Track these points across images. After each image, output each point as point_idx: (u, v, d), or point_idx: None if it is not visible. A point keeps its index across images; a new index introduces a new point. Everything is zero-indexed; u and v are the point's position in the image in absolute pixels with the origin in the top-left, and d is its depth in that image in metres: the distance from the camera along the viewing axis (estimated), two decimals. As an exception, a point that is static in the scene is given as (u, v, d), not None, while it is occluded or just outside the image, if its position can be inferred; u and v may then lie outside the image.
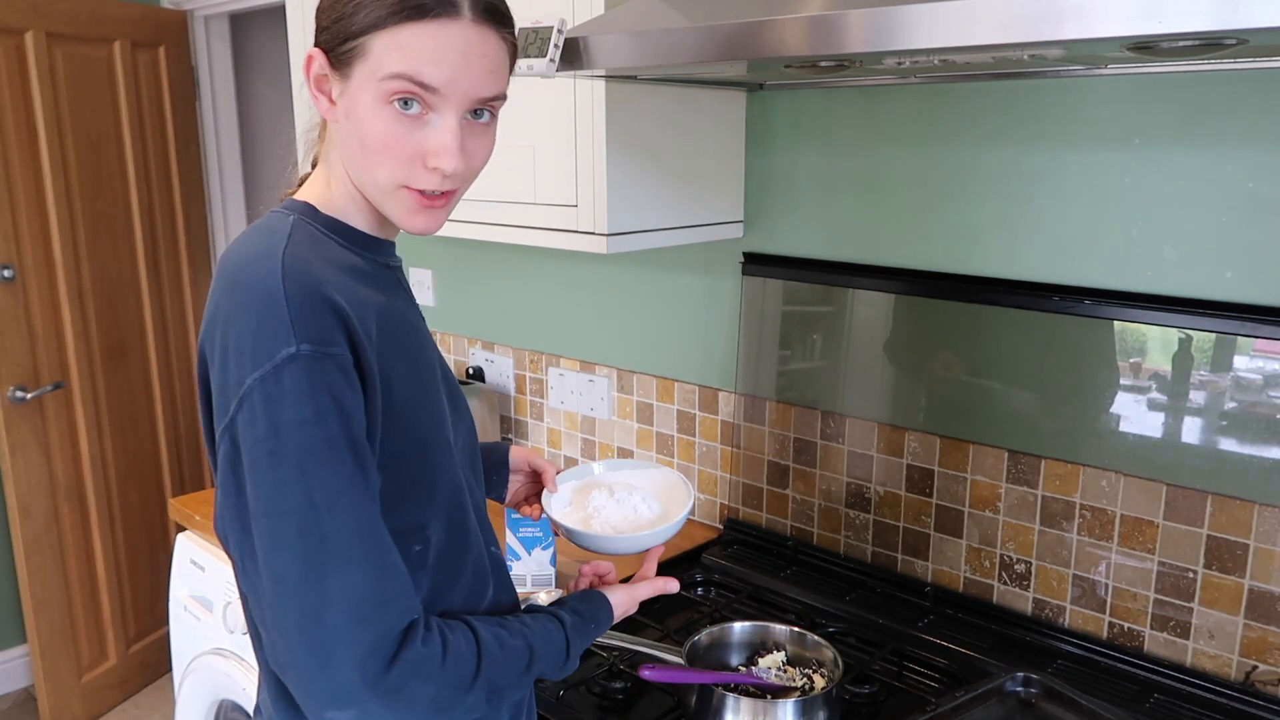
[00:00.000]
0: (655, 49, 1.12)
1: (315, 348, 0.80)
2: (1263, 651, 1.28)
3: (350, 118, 0.87)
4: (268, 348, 0.79)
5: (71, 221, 2.68)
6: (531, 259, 2.14)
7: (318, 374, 0.80)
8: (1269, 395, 1.23)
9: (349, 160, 0.91)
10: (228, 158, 3.18)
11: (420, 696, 0.83)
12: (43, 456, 2.67)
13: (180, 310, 3.06)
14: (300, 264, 0.84)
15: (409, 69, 0.84)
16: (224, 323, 0.83)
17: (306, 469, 0.79)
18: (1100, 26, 0.79)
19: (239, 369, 0.80)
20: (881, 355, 1.59)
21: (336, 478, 0.80)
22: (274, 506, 0.79)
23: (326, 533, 0.79)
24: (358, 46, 0.85)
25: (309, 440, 0.79)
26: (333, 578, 0.79)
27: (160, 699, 2.99)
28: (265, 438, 0.79)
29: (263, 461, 0.79)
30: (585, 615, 1.02)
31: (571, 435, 2.13)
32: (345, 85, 0.87)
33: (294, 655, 0.80)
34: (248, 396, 0.79)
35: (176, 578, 2.01)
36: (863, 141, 1.57)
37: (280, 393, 0.79)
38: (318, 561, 0.79)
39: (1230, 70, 1.21)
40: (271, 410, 0.79)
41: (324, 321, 0.82)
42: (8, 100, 2.48)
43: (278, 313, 0.80)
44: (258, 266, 0.84)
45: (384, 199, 0.91)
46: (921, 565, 1.59)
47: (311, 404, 0.79)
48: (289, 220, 0.91)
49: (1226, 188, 1.25)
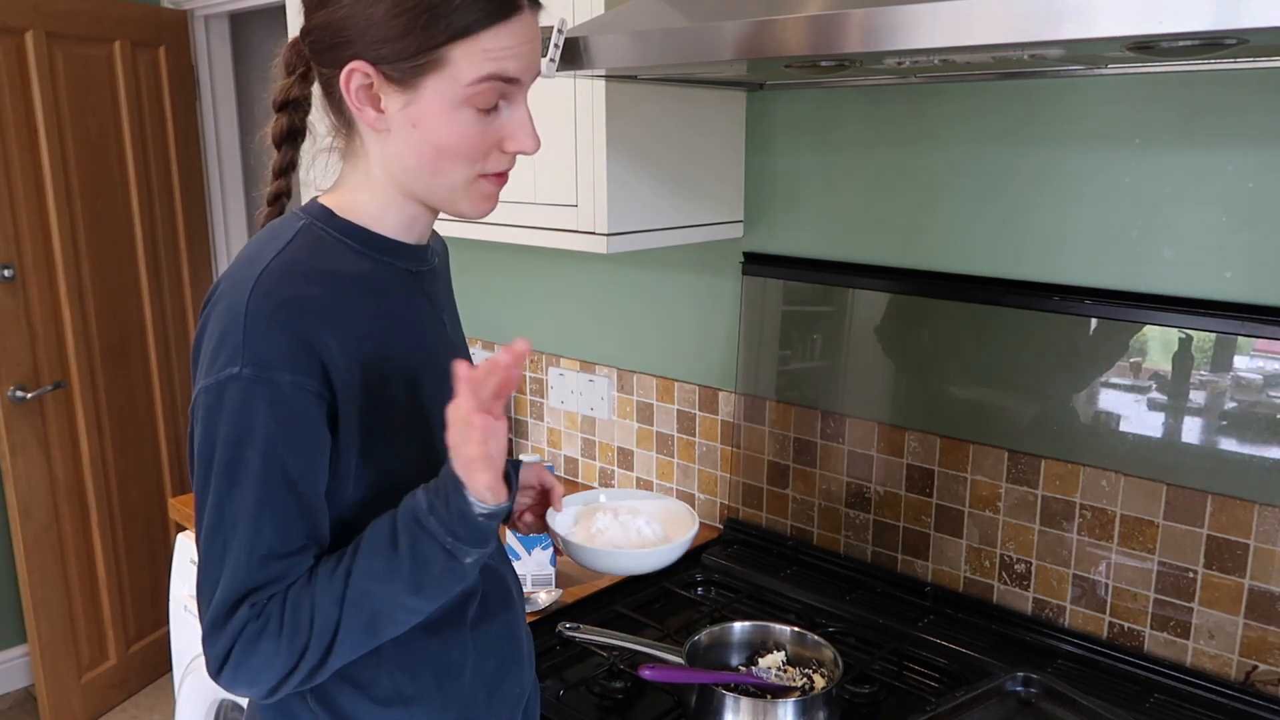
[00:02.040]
0: (655, 49, 1.12)
1: (256, 371, 0.82)
2: (1263, 651, 1.28)
3: (419, 126, 0.87)
4: (219, 361, 0.83)
5: (71, 221, 2.68)
6: (531, 259, 2.14)
7: (251, 398, 0.83)
8: (1269, 395, 1.23)
9: (408, 167, 0.90)
10: (228, 158, 3.18)
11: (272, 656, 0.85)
12: (43, 456, 2.67)
13: (180, 310, 3.06)
14: (282, 278, 0.85)
15: (496, 69, 0.86)
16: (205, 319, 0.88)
17: (219, 485, 0.84)
18: (1100, 26, 0.79)
19: (201, 370, 0.86)
20: (881, 355, 1.59)
21: (243, 502, 0.84)
22: (199, 504, 0.86)
23: (218, 545, 0.85)
24: (434, 59, 0.84)
25: (230, 460, 0.83)
26: (212, 586, 0.85)
27: (160, 699, 2.99)
28: (200, 444, 0.85)
29: (195, 463, 0.86)
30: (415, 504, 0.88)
31: (571, 435, 2.13)
32: (412, 95, 0.86)
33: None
34: (195, 403, 0.85)
35: (176, 578, 2.01)
36: (863, 141, 1.57)
37: (219, 407, 0.83)
38: (210, 566, 0.85)
39: (1230, 70, 1.21)
40: (208, 421, 0.84)
41: (274, 346, 0.83)
42: (8, 100, 2.48)
43: (235, 330, 0.83)
44: (243, 274, 0.87)
45: (456, 195, 0.92)
46: (921, 565, 1.59)
47: (240, 425, 0.83)
48: (297, 225, 0.91)
49: (1226, 188, 1.25)
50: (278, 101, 0.94)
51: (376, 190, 0.94)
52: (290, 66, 0.94)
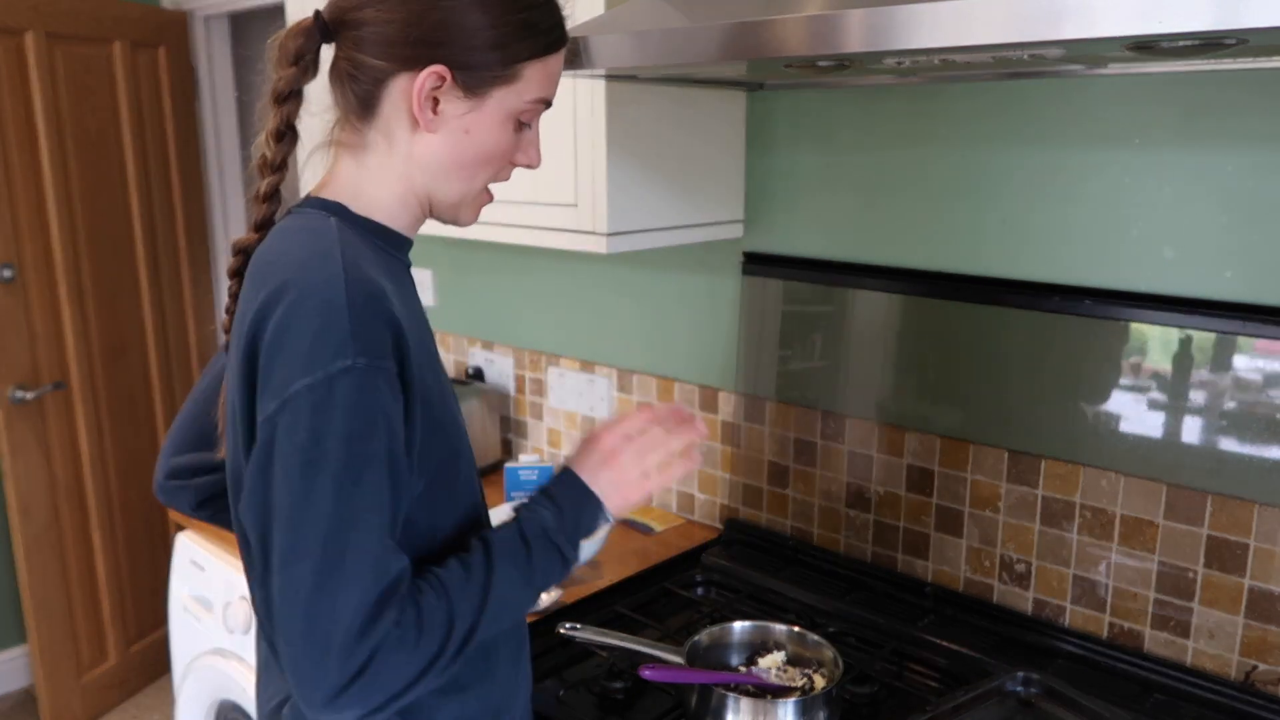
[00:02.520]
0: (655, 49, 1.12)
1: (370, 361, 0.80)
2: (1263, 651, 1.28)
3: (471, 132, 0.91)
4: (322, 356, 0.79)
5: (71, 221, 2.67)
6: (531, 259, 2.14)
7: (369, 389, 0.80)
8: (1269, 395, 1.23)
9: (441, 168, 0.92)
10: (228, 158, 3.18)
11: (406, 666, 0.82)
12: (43, 456, 2.67)
13: (180, 310, 3.06)
14: (360, 270, 0.84)
15: (547, 93, 0.94)
16: (276, 325, 0.82)
17: (342, 483, 0.79)
18: (1100, 26, 0.79)
19: (287, 370, 0.80)
20: (881, 355, 1.59)
21: (367, 496, 0.80)
22: (301, 516, 0.79)
23: (347, 549, 0.79)
24: (510, 73, 0.90)
25: (349, 455, 0.79)
26: (343, 593, 0.79)
27: (160, 699, 2.99)
28: (305, 446, 0.79)
29: (296, 470, 0.79)
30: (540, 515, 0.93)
31: (571, 435, 2.13)
32: (476, 104, 0.90)
33: (296, 662, 0.79)
34: (292, 401, 0.79)
35: (176, 578, 2.01)
36: (863, 141, 1.57)
37: (330, 404, 0.79)
38: (333, 576, 0.79)
39: (1230, 70, 1.21)
40: (316, 420, 0.79)
41: (380, 334, 0.82)
42: (8, 100, 2.48)
43: (339, 322, 0.80)
44: (318, 269, 0.83)
45: (466, 202, 0.96)
46: (921, 565, 1.59)
47: (361, 419, 0.80)
48: (329, 221, 0.90)
49: (1226, 188, 1.25)
50: (284, 91, 0.91)
51: (392, 186, 0.94)
52: (298, 54, 0.91)
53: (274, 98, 0.92)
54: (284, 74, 0.91)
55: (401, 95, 0.90)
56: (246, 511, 0.84)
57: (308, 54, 0.91)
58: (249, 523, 0.84)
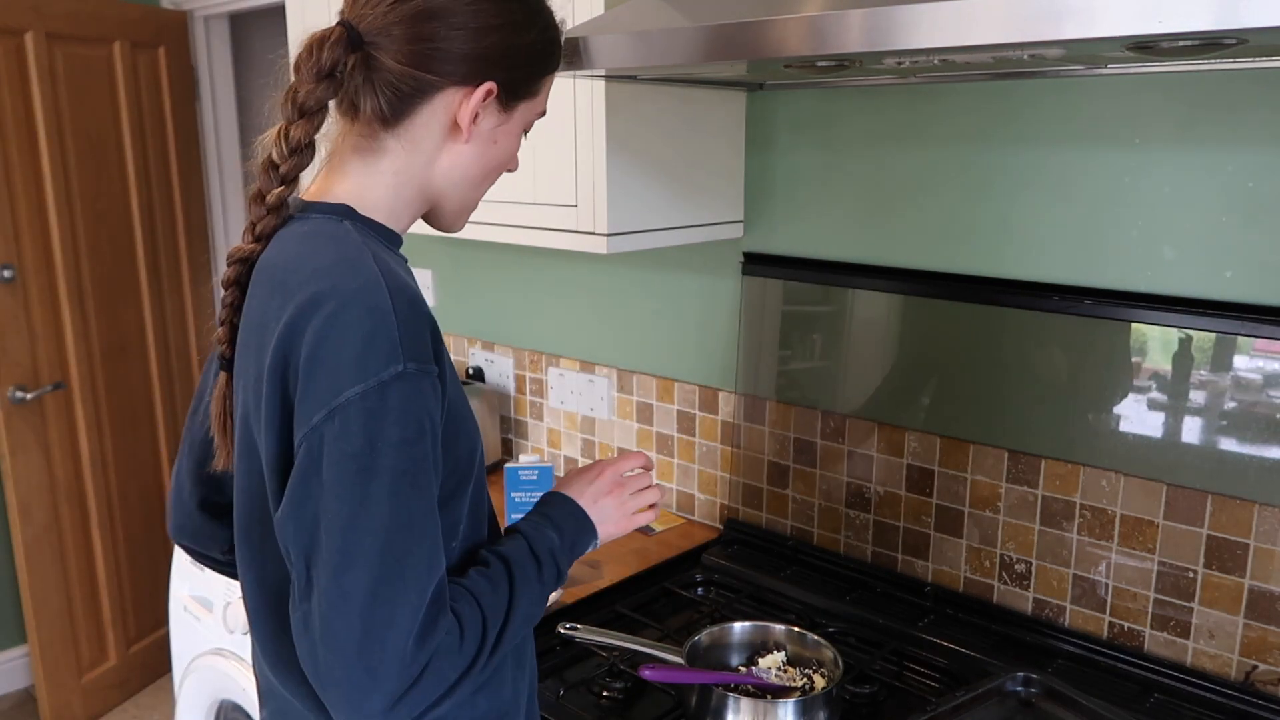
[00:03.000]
0: (655, 49, 1.12)
1: (419, 366, 0.81)
2: (1263, 651, 1.28)
3: (499, 143, 0.96)
4: (373, 363, 0.79)
5: (71, 221, 2.68)
6: (531, 259, 2.14)
7: (419, 394, 0.81)
8: (1269, 395, 1.23)
9: (465, 176, 0.96)
10: (228, 158, 3.18)
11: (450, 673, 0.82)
12: (43, 456, 2.67)
13: (180, 310, 3.06)
14: (396, 277, 0.85)
15: (547, 104, 1.00)
16: (317, 337, 0.80)
17: (399, 489, 0.79)
18: (1100, 26, 0.79)
19: (334, 379, 0.79)
20: (881, 355, 1.59)
21: (423, 500, 0.81)
22: (356, 523, 0.78)
23: (405, 555, 0.79)
24: (537, 87, 0.97)
25: (406, 461, 0.79)
26: (402, 600, 0.78)
27: (160, 699, 2.99)
28: (359, 453, 0.78)
29: (351, 477, 0.78)
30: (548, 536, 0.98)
31: (571, 435, 2.13)
32: (506, 117, 0.95)
33: (346, 672, 0.78)
34: (343, 409, 0.78)
35: (176, 578, 2.01)
36: (863, 141, 1.57)
37: (384, 410, 0.79)
38: (391, 583, 0.78)
39: (1230, 70, 1.21)
40: (371, 426, 0.78)
41: (424, 339, 0.83)
42: (8, 100, 2.48)
43: (386, 329, 0.80)
44: (353, 276, 0.82)
45: (467, 209, 1.01)
46: (921, 565, 1.59)
47: (414, 423, 0.80)
48: (344, 225, 0.90)
49: (1226, 188, 1.25)
50: (310, 108, 0.89)
51: (399, 190, 0.94)
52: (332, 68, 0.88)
53: (299, 110, 0.89)
54: (313, 88, 0.88)
55: (445, 107, 0.91)
56: (286, 523, 0.81)
57: (339, 67, 0.89)
58: (290, 535, 0.81)
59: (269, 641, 0.95)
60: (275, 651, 0.95)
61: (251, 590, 0.96)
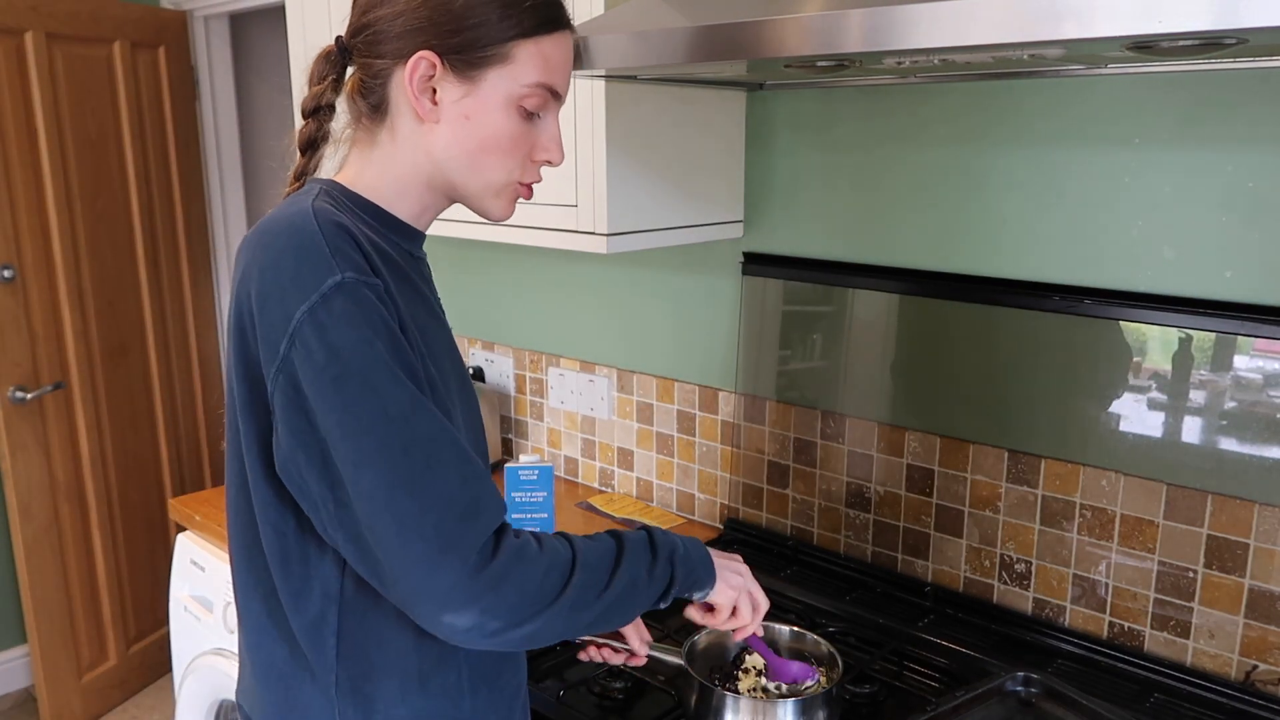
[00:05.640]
0: (655, 49, 1.12)
1: (358, 275, 0.83)
2: (1263, 651, 1.28)
3: (471, 119, 0.92)
4: (311, 280, 0.82)
5: (71, 221, 2.68)
6: (531, 259, 2.14)
7: (364, 299, 0.83)
8: (1269, 395, 1.23)
9: (450, 158, 0.94)
10: (228, 158, 3.18)
11: (528, 581, 0.84)
12: (43, 456, 2.67)
13: (180, 310, 3.06)
14: (329, 212, 0.88)
15: (548, 79, 0.93)
16: (259, 272, 0.85)
17: (375, 385, 0.81)
18: (1100, 26, 0.79)
19: (282, 306, 0.82)
20: (881, 355, 1.59)
21: (403, 390, 0.82)
22: (349, 429, 0.80)
23: (408, 442, 0.81)
24: (497, 53, 0.90)
25: (369, 358, 0.81)
26: (424, 484, 0.80)
27: (160, 699, 2.99)
28: (326, 365, 0.81)
29: (328, 388, 0.80)
30: (673, 540, 1.01)
31: (571, 435, 2.13)
32: (471, 88, 0.91)
33: (402, 568, 0.80)
34: (298, 330, 0.81)
35: (176, 578, 2.01)
36: (863, 141, 1.57)
37: (332, 319, 0.81)
38: (405, 471, 0.80)
39: (1230, 70, 1.21)
40: (327, 337, 0.81)
41: (358, 256, 0.85)
42: (8, 100, 2.48)
43: (315, 247, 0.83)
44: (285, 218, 0.87)
45: (489, 194, 0.97)
46: (921, 565, 1.59)
47: (366, 325, 0.82)
48: (314, 190, 0.94)
49: (1226, 188, 1.25)
50: (308, 108, 0.97)
51: (396, 175, 0.96)
52: (321, 75, 0.96)
53: (302, 111, 0.98)
54: (311, 90, 0.97)
55: (401, 89, 0.93)
56: (296, 454, 0.84)
57: (329, 75, 0.96)
58: (302, 464, 0.83)
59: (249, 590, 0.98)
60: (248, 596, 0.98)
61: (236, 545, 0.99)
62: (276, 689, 0.97)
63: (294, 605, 0.93)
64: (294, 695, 0.96)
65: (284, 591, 0.93)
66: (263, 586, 0.95)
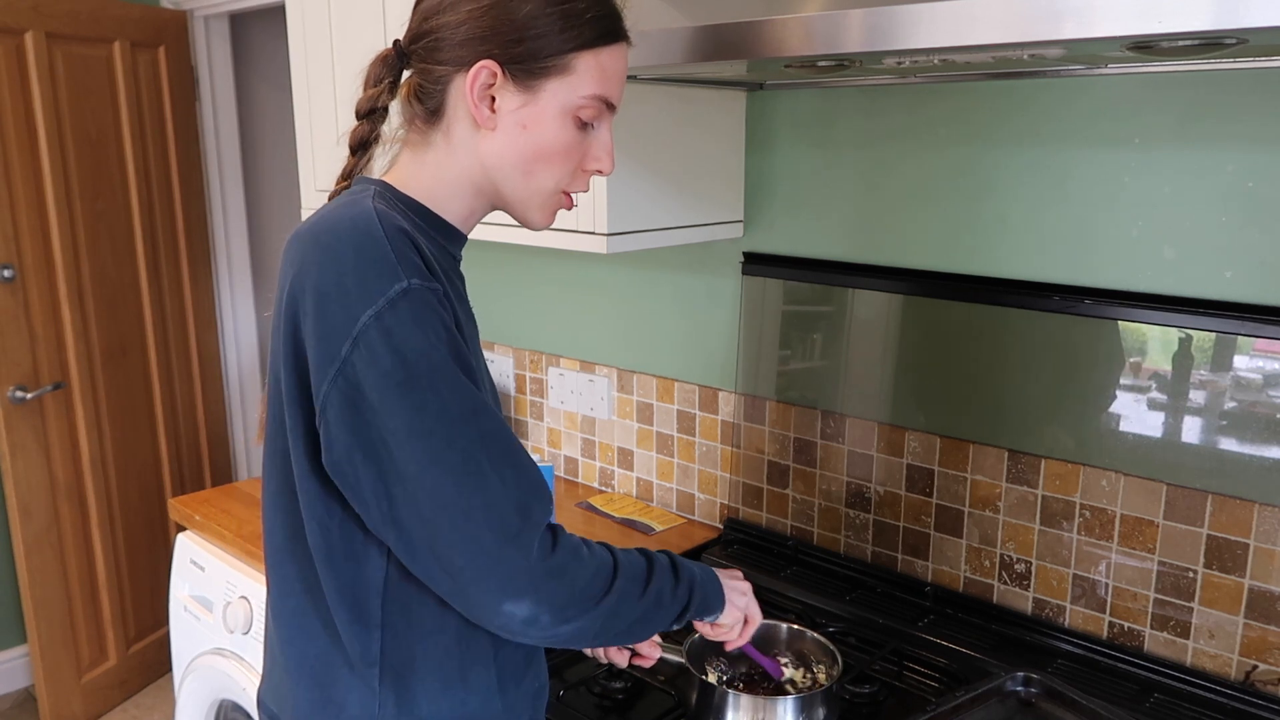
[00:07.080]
0: (655, 49, 1.12)
1: (423, 281, 0.85)
2: (1263, 651, 1.28)
3: (529, 128, 0.93)
4: (377, 284, 0.83)
5: (71, 221, 2.68)
6: (531, 259, 2.14)
7: (428, 304, 0.85)
8: (1269, 395, 1.23)
9: (504, 165, 0.95)
10: (228, 158, 3.18)
11: (580, 578, 0.88)
12: (43, 456, 2.67)
13: (180, 310, 3.06)
14: (391, 216, 0.89)
15: (604, 91, 0.95)
16: (318, 270, 0.85)
17: (440, 388, 0.83)
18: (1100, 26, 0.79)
19: (345, 308, 0.83)
20: (881, 355, 1.59)
21: (465, 392, 0.85)
22: (416, 430, 0.83)
23: (472, 441, 0.84)
24: (558, 64, 0.92)
25: (434, 362, 0.84)
26: (489, 480, 0.84)
27: (160, 699, 2.99)
28: (392, 369, 0.82)
29: (394, 392, 0.82)
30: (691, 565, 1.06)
31: (571, 435, 2.13)
32: (530, 98, 0.93)
33: (466, 558, 0.83)
34: (363, 334, 0.83)
35: (176, 578, 2.01)
36: (863, 141, 1.57)
37: (399, 325, 0.83)
38: (470, 469, 0.83)
39: (1230, 70, 1.21)
40: (393, 342, 0.82)
41: (419, 261, 0.86)
42: (8, 100, 2.48)
43: (380, 251, 0.84)
44: (347, 218, 0.88)
45: (537, 201, 0.98)
46: (921, 565, 1.59)
47: (430, 331, 0.84)
48: (369, 190, 0.95)
49: (1226, 188, 1.25)
50: (363, 109, 0.98)
51: (448, 179, 0.97)
52: (378, 78, 0.98)
53: (356, 114, 0.99)
54: (367, 93, 0.98)
55: (460, 95, 0.94)
56: (352, 453, 0.85)
57: (386, 78, 0.98)
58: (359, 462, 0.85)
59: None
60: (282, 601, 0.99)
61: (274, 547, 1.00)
62: (312, 684, 0.97)
63: (338, 599, 0.93)
64: (331, 689, 0.96)
65: (328, 585, 0.93)
66: (305, 579, 0.96)
